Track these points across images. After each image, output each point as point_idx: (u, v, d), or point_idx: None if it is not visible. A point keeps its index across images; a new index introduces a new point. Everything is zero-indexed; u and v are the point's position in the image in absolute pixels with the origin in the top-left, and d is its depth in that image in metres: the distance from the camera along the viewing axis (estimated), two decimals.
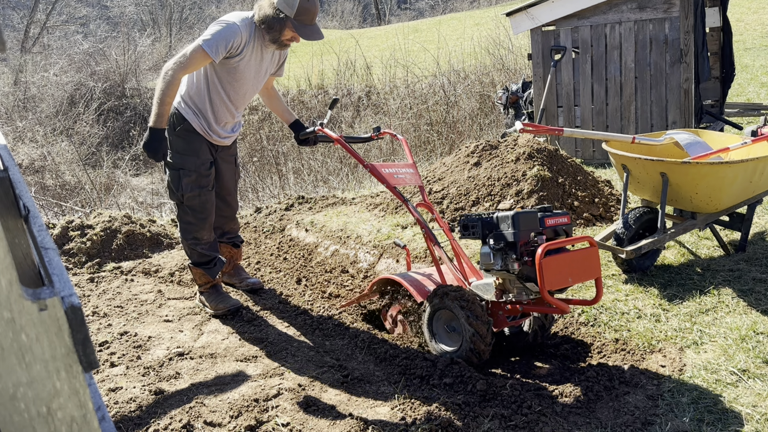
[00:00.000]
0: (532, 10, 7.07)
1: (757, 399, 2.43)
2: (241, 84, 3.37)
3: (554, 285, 2.56)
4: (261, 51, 3.36)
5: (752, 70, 10.95)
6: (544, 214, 2.74)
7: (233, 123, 3.54)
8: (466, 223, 2.86)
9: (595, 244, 2.72)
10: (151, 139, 3.15)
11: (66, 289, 0.69)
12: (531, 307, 2.78)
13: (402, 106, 11.54)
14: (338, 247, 4.63)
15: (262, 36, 3.28)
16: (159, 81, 3.14)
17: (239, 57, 3.25)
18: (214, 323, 3.56)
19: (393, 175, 3.18)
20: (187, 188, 3.39)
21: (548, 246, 2.54)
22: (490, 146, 5.06)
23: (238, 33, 3.18)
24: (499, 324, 2.91)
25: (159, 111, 3.13)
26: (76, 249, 4.65)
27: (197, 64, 3.18)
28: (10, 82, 17.83)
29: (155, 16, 31.70)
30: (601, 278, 2.70)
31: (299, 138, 3.55)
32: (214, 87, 3.34)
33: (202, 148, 3.42)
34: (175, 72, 3.12)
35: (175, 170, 3.39)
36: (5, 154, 1.19)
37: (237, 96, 3.41)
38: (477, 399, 2.54)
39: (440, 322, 2.93)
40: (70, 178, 11.80)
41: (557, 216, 2.78)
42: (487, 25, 15.40)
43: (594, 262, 2.70)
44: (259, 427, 2.47)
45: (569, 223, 2.83)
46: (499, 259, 2.69)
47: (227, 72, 3.30)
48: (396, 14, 38.32)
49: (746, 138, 3.95)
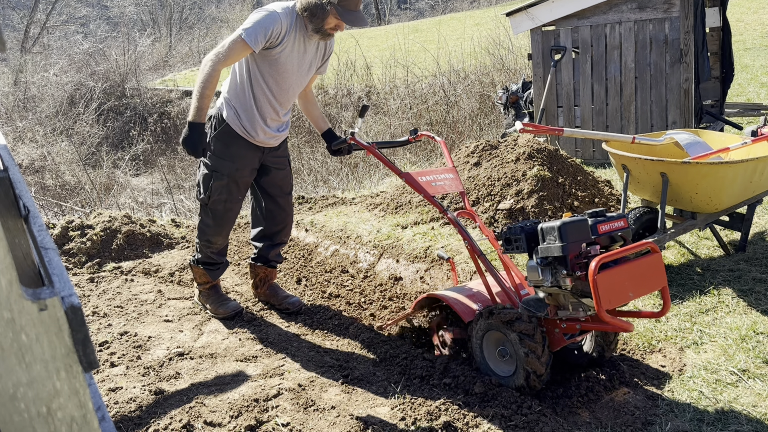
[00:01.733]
0: (532, 10, 7.06)
1: (757, 399, 2.43)
2: (284, 78, 3.21)
3: (612, 303, 2.27)
4: (303, 42, 3.19)
5: (752, 70, 10.95)
6: (596, 219, 2.44)
7: (279, 122, 3.35)
8: (509, 236, 2.57)
9: (658, 250, 2.46)
10: (190, 133, 3.00)
11: (66, 289, 0.69)
12: (590, 324, 2.48)
13: (402, 106, 11.54)
14: (338, 247, 4.63)
15: (305, 26, 3.14)
16: (198, 74, 3.02)
17: (280, 47, 3.10)
18: (214, 323, 3.56)
19: (431, 183, 2.95)
20: (215, 192, 3.28)
21: (603, 259, 2.24)
22: (490, 146, 5.06)
23: (278, 21, 3.03)
24: (556, 343, 2.59)
25: (198, 105, 2.98)
26: (76, 249, 4.65)
27: (237, 54, 3.03)
28: (10, 82, 17.83)
29: (155, 16, 31.70)
30: (667, 287, 2.42)
31: (332, 149, 3.39)
32: (257, 81, 3.19)
33: (242, 153, 3.26)
34: (215, 64, 2.97)
35: (208, 171, 3.28)
36: (5, 154, 1.19)
37: (280, 90, 3.24)
38: (477, 399, 2.54)
39: (491, 346, 2.67)
40: (70, 178, 11.80)
41: (612, 220, 2.47)
42: (487, 25, 15.40)
43: (658, 270, 2.41)
44: (259, 427, 2.48)
45: (626, 226, 2.52)
46: (549, 274, 2.41)
47: (269, 65, 3.15)
48: (396, 14, 38.33)
49: (746, 138, 3.95)
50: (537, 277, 2.45)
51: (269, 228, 3.58)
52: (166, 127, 15.58)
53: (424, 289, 3.81)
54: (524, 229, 2.51)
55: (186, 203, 8.30)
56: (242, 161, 3.27)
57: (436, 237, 4.31)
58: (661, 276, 2.41)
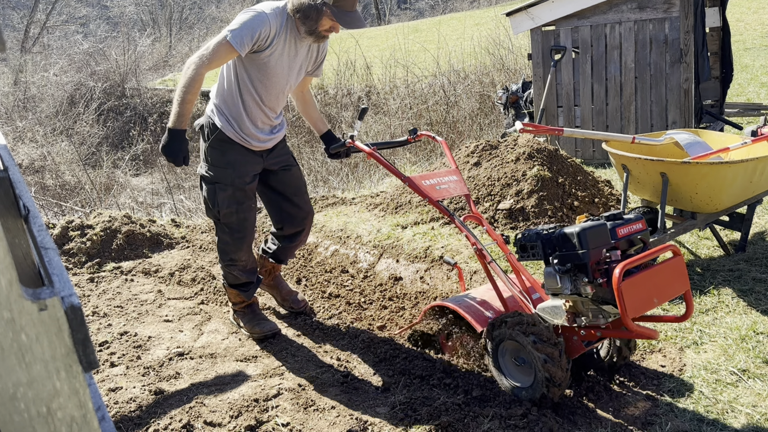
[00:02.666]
0: (532, 10, 7.07)
1: (757, 399, 2.44)
2: (273, 83, 3.02)
3: (638, 311, 2.19)
4: (295, 44, 3.00)
5: (752, 70, 10.95)
6: (615, 223, 2.34)
7: (272, 125, 3.18)
8: (524, 243, 2.45)
9: (680, 253, 2.37)
10: (170, 141, 2.82)
11: (66, 289, 0.69)
12: (611, 332, 2.37)
13: (402, 106, 11.54)
14: (338, 247, 4.63)
15: (296, 27, 2.94)
16: (181, 77, 2.82)
17: (269, 50, 2.91)
18: (214, 323, 3.56)
19: (435, 186, 2.82)
20: (223, 204, 3.07)
21: (626, 266, 2.14)
22: (490, 146, 5.06)
23: (267, 23, 2.83)
24: (575, 350, 2.49)
25: (179, 110, 2.79)
26: (76, 249, 4.65)
27: (222, 58, 2.84)
28: (10, 82, 17.83)
29: (155, 16, 31.70)
30: (690, 291, 2.35)
31: (330, 152, 3.25)
32: (245, 86, 3.01)
33: (240, 159, 3.08)
34: (198, 67, 2.77)
35: (210, 184, 3.09)
36: (5, 154, 1.19)
37: (269, 96, 3.06)
38: (477, 399, 2.54)
39: (506, 356, 2.57)
40: (70, 178, 11.80)
41: (630, 223, 2.38)
42: (487, 25, 15.40)
43: (681, 274, 2.33)
44: (259, 427, 2.48)
45: (645, 228, 2.43)
46: (568, 282, 2.30)
47: (257, 69, 2.96)
48: (396, 14, 38.31)
49: (746, 138, 3.95)
50: (555, 285, 2.33)
51: (288, 230, 3.44)
52: (166, 127, 15.56)
53: (424, 289, 3.81)
54: (540, 235, 2.39)
55: (186, 203, 8.29)
56: (242, 167, 3.10)
57: (436, 237, 4.31)
58: (684, 279, 2.33)
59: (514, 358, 2.52)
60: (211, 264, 4.56)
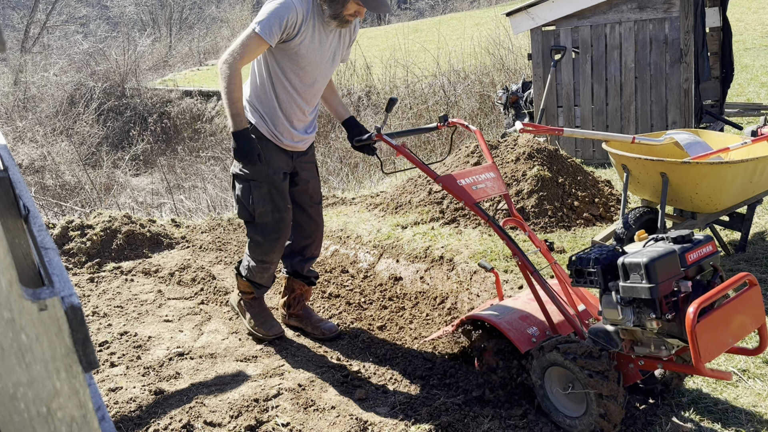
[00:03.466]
0: (532, 10, 7.07)
1: (757, 399, 2.44)
2: (306, 71, 2.94)
3: (713, 355, 1.96)
4: (323, 29, 2.92)
5: (752, 70, 10.95)
6: (683, 247, 2.09)
7: (306, 122, 3.10)
8: (580, 267, 2.20)
9: (756, 282, 2.11)
10: (238, 144, 2.79)
11: (66, 289, 0.69)
12: (675, 366, 2.15)
13: (402, 106, 11.54)
14: (338, 247, 4.63)
15: (322, 12, 2.87)
16: (219, 81, 2.80)
17: (299, 38, 2.83)
18: (214, 323, 3.56)
19: (471, 186, 2.54)
20: (258, 203, 2.99)
21: (702, 304, 1.91)
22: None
23: (293, 9, 2.76)
24: (630, 379, 2.27)
25: (233, 112, 2.77)
26: (76, 249, 4.65)
27: (253, 51, 2.78)
28: (10, 82, 17.83)
29: (155, 16, 31.70)
30: (765, 324, 2.09)
31: (354, 145, 3.06)
32: (278, 80, 2.94)
33: (274, 156, 3.01)
34: (231, 65, 2.74)
35: (245, 182, 3.00)
36: (5, 154, 1.19)
37: (304, 86, 2.98)
38: (477, 399, 2.54)
39: (553, 381, 2.33)
40: (70, 178, 11.81)
41: (700, 246, 2.13)
42: (487, 25, 15.40)
43: (757, 306, 2.08)
44: (259, 427, 2.48)
45: (716, 251, 2.17)
46: (631, 314, 2.07)
47: (288, 59, 2.90)
48: (396, 14, 38.30)
49: (746, 138, 3.95)
50: (616, 316, 2.10)
51: (298, 242, 3.31)
52: (166, 127, 15.59)
53: (424, 289, 3.81)
54: (599, 261, 2.14)
55: (186, 203, 8.30)
56: (276, 164, 3.01)
57: (436, 237, 4.31)
58: (760, 312, 2.08)
59: (562, 385, 2.30)
60: (211, 264, 4.56)
